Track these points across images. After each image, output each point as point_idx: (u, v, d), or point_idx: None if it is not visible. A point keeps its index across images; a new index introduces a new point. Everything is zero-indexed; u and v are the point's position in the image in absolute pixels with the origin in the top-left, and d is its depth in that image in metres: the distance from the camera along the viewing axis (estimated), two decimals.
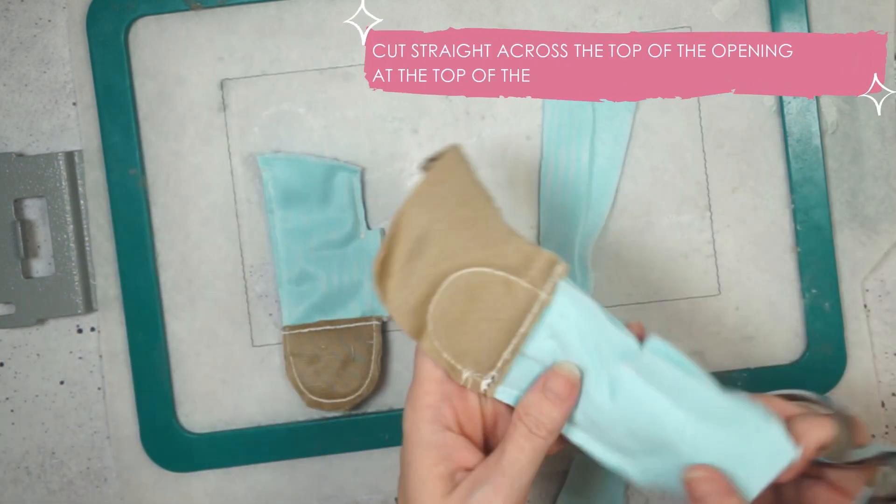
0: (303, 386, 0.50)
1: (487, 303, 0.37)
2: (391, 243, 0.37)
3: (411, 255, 0.37)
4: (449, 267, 0.37)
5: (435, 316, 0.37)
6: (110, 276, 0.51)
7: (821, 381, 0.50)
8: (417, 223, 0.37)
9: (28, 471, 0.53)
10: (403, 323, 0.37)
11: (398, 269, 0.37)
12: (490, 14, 0.51)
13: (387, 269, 0.37)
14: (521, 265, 0.37)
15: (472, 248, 0.37)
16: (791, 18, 0.50)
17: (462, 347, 0.37)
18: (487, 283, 0.37)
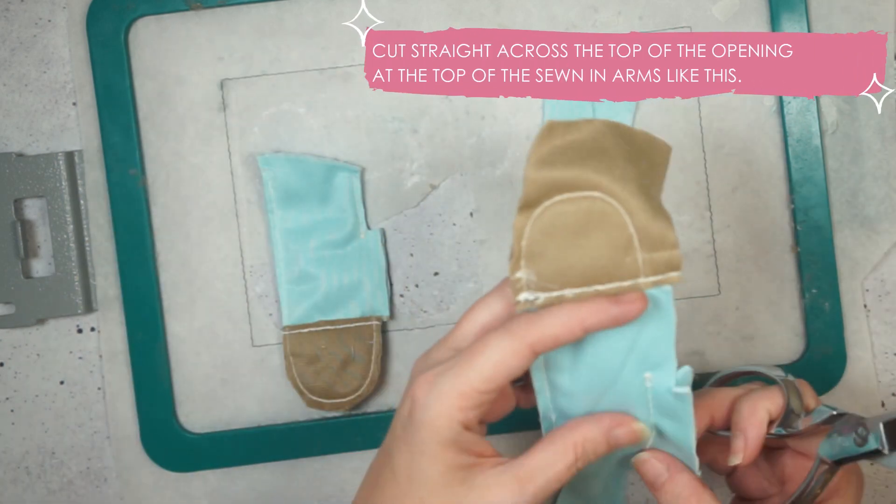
0: (303, 386, 0.50)
1: (599, 240, 0.35)
2: (572, 125, 0.35)
3: (580, 145, 0.35)
4: (600, 182, 0.34)
5: (552, 207, 0.35)
6: (110, 276, 0.51)
7: (821, 381, 0.50)
8: (602, 129, 0.35)
9: (28, 471, 0.53)
10: (530, 183, 0.35)
11: (560, 142, 0.35)
12: (490, 14, 0.51)
13: (552, 133, 0.35)
14: (651, 240, 0.34)
15: (630, 185, 0.35)
16: (791, 18, 0.50)
17: (542, 251, 0.35)
18: (615, 227, 0.35)
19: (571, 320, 0.35)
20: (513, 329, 0.36)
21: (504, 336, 0.36)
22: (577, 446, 0.36)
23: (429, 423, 0.36)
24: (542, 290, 0.35)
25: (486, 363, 0.35)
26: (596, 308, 0.35)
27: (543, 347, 0.35)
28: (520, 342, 0.35)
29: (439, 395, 0.36)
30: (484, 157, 0.51)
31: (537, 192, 0.35)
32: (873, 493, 0.52)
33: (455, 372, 0.36)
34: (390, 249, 0.51)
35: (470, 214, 0.51)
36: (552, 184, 0.35)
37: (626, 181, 0.35)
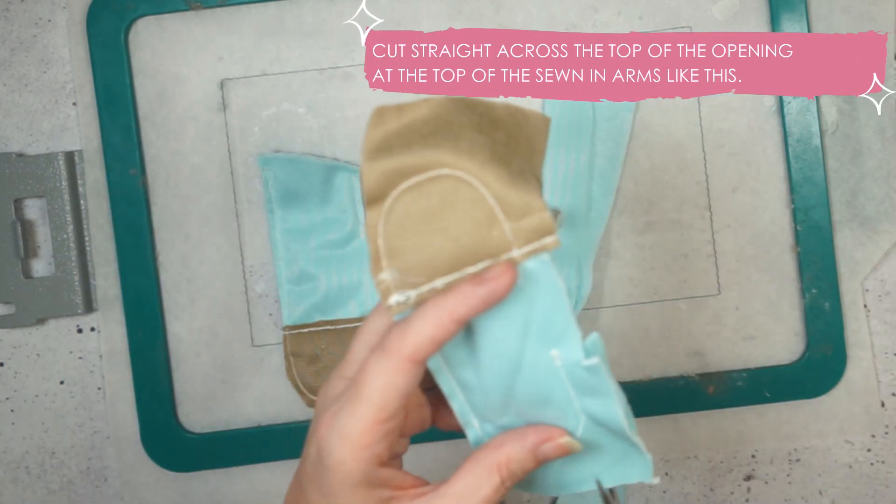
0: (303, 386, 0.50)
1: (458, 219, 0.32)
2: (405, 107, 0.32)
3: (420, 125, 0.32)
4: (444, 159, 0.32)
5: (400, 197, 0.32)
6: (110, 276, 0.51)
7: (821, 381, 0.50)
8: (446, 106, 0.33)
9: (28, 471, 0.53)
10: (368, 176, 0.32)
11: (395, 126, 0.32)
12: (490, 14, 0.51)
13: (383, 118, 0.33)
14: (516, 209, 0.32)
15: (480, 155, 0.32)
16: (791, 18, 0.50)
17: (402, 245, 0.32)
18: (472, 202, 0.32)
19: (441, 316, 0.32)
20: (387, 346, 0.33)
21: (381, 357, 0.33)
22: (501, 468, 0.34)
23: (336, 468, 0.34)
24: (412, 287, 0.32)
25: (374, 392, 0.33)
26: (462, 295, 0.32)
27: (424, 354, 0.33)
28: (397, 358, 0.33)
29: (340, 437, 0.34)
30: None
31: (379, 185, 0.32)
32: (873, 493, 0.52)
33: (349, 410, 0.34)
34: None
35: None
36: (394, 171, 0.32)
37: (474, 151, 0.32)
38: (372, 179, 0.32)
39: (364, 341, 0.36)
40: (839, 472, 0.52)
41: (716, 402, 0.50)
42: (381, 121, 0.32)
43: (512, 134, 0.33)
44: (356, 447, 0.33)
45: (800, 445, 0.52)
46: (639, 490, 0.52)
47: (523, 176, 0.33)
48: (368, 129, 0.32)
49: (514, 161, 0.33)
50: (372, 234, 0.32)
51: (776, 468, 0.52)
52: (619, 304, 0.51)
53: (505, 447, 0.34)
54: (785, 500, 0.52)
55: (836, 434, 0.51)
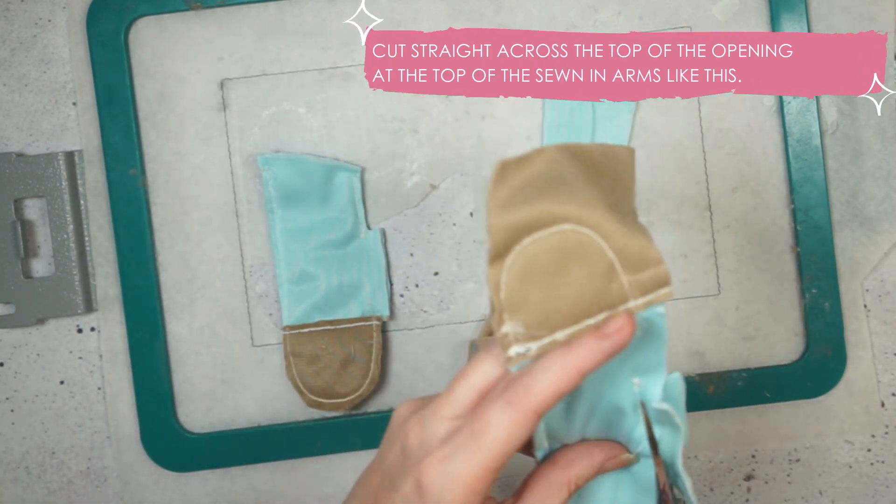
0: (303, 386, 0.50)
1: (579, 273, 0.33)
2: (524, 160, 0.33)
3: (537, 179, 0.33)
4: (567, 213, 0.33)
5: (523, 252, 0.33)
6: (110, 276, 0.51)
7: (821, 381, 0.50)
8: (555, 157, 0.33)
9: (28, 471, 0.53)
10: (496, 233, 0.33)
11: (517, 181, 0.33)
12: (490, 14, 0.51)
13: (506, 174, 0.33)
14: (633, 260, 0.33)
15: (597, 208, 0.33)
16: (791, 18, 0.50)
17: (523, 299, 0.33)
18: (592, 255, 0.33)
19: (567, 371, 0.33)
20: (512, 399, 0.34)
21: (506, 409, 0.34)
22: (570, 484, 0.36)
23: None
24: (533, 340, 0.33)
25: (495, 442, 0.34)
26: (587, 349, 0.33)
27: (547, 407, 0.34)
28: (523, 411, 0.34)
29: (454, 481, 0.34)
30: (484, 157, 0.51)
31: (505, 239, 0.33)
32: (873, 493, 0.52)
33: (465, 456, 0.34)
34: (390, 249, 0.51)
35: (470, 214, 0.51)
36: (518, 227, 0.33)
37: (592, 205, 0.33)
38: (499, 236, 0.33)
39: (471, 385, 0.36)
40: (839, 472, 0.52)
41: (716, 402, 0.50)
42: (504, 177, 0.33)
43: (612, 176, 0.35)
44: (470, 493, 0.34)
45: (800, 445, 0.52)
46: None
47: (634, 224, 0.34)
48: (493, 186, 0.33)
49: (622, 207, 0.34)
50: (494, 288, 0.33)
51: (776, 468, 0.52)
52: None
53: (575, 465, 0.36)
54: (785, 500, 0.52)
55: (836, 434, 0.51)
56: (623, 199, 0.35)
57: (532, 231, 0.33)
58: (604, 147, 0.35)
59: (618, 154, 0.35)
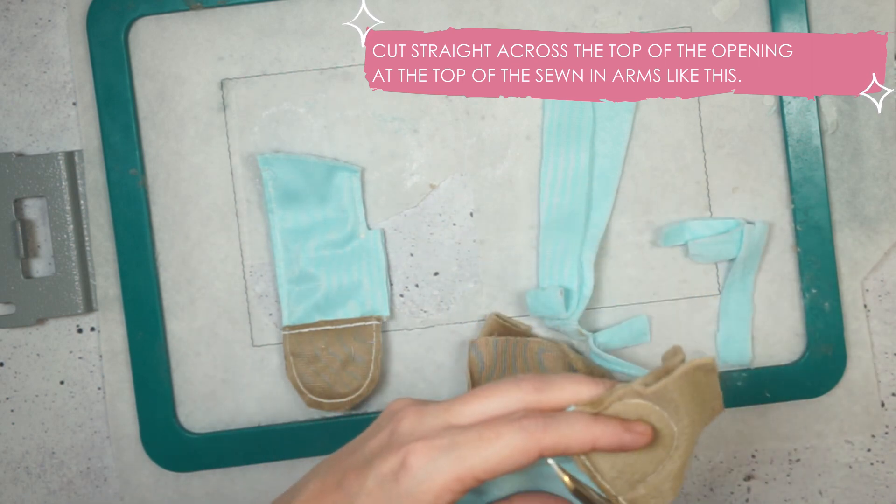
0: (303, 386, 0.50)
1: (651, 459, 0.37)
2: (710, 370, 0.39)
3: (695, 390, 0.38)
4: (681, 426, 0.37)
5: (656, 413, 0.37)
6: (110, 276, 0.51)
7: (821, 381, 0.50)
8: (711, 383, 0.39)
9: (28, 471, 0.53)
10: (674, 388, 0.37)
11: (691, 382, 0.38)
12: (490, 14, 0.51)
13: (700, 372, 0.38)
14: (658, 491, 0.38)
15: (688, 447, 0.38)
16: (791, 18, 0.50)
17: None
18: (665, 466, 0.37)
19: (585, 435, 0.35)
20: (528, 428, 0.35)
21: (518, 433, 0.35)
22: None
23: (415, 498, 0.35)
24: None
25: (494, 455, 0.35)
26: (610, 430, 0.35)
27: (553, 453, 0.35)
28: (533, 443, 0.35)
29: (436, 473, 0.35)
30: (484, 157, 0.51)
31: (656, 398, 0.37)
32: (873, 493, 0.52)
33: (459, 454, 0.35)
34: (390, 249, 0.51)
35: (470, 214, 0.51)
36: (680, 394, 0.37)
37: (692, 443, 0.37)
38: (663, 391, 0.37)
39: (486, 407, 0.37)
40: (839, 472, 0.52)
41: None
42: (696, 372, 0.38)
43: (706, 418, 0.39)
44: (447, 489, 0.35)
45: (800, 445, 0.52)
46: None
47: (682, 475, 0.38)
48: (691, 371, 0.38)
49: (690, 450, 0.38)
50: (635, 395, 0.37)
51: (776, 468, 0.52)
52: (619, 304, 0.51)
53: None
54: (785, 500, 0.52)
55: (836, 434, 0.51)
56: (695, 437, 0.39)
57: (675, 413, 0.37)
58: (719, 393, 0.39)
59: (717, 404, 0.39)
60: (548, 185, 0.50)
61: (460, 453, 0.35)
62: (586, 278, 0.50)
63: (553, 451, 0.35)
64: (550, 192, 0.50)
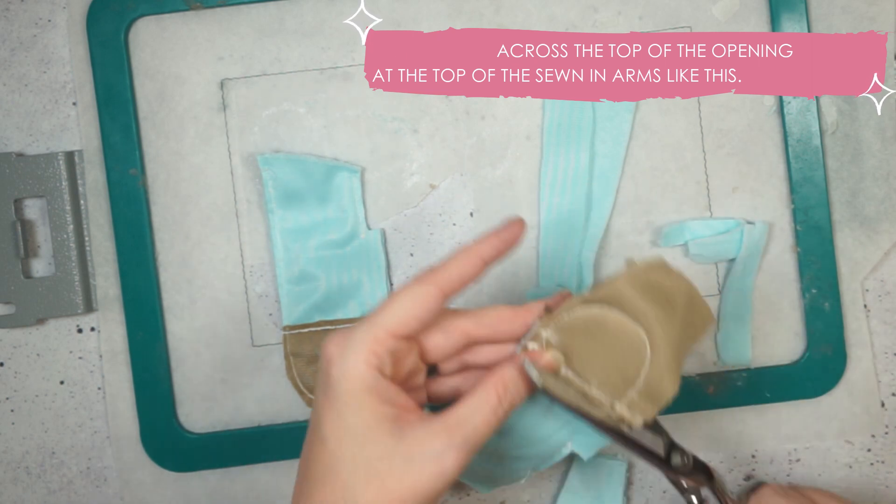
0: (303, 386, 0.50)
1: (616, 356, 0.39)
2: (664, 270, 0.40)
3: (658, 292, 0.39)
4: (650, 330, 0.38)
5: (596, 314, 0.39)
6: (110, 276, 0.51)
7: (821, 381, 0.50)
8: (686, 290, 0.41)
9: (28, 471, 0.53)
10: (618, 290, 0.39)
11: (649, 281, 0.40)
12: (490, 14, 0.51)
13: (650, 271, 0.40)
14: (651, 390, 0.39)
15: (668, 345, 0.39)
16: (791, 18, 0.50)
17: (572, 334, 0.39)
18: (636, 351, 0.39)
19: (471, 254, 0.38)
20: (419, 276, 0.38)
21: (412, 283, 0.38)
22: (497, 387, 0.38)
23: (346, 375, 0.36)
24: (555, 352, 0.39)
25: (398, 307, 0.37)
26: (489, 241, 0.39)
27: (451, 286, 0.38)
28: (430, 284, 0.37)
29: (352, 345, 0.37)
30: (484, 157, 0.51)
31: (605, 298, 0.39)
32: (873, 493, 0.52)
33: (367, 323, 0.37)
34: (390, 249, 0.51)
35: (470, 214, 0.51)
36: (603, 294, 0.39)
37: (667, 340, 0.39)
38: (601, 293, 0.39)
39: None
40: (839, 472, 0.52)
41: (716, 402, 0.50)
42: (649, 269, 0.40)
43: (693, 325, 0.41)
44: (367, 352, 0.36)
45: (800, 445, 0.52)
46: (639, 490, 0.52)
47: (674, 370, 0.39)
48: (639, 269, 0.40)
49: (682, 350, 0.40)
50: (570, 306, 0.40)
51: (776, 468, 0.52)
52: None
53: (500, 369, 0.38)
54: None
55: (836, 434, 0.51)
56: (685, 345, 0.40)
57: (618, 308, 0.39)
58: (706, 309, 0.41)
59: (705, 317, 0.41)
60: (548, 185, 0.50)
61: (368, 322, 0.37)
62: (586, 278, 0.50)
63: (451, 283, 0.38)
64: (550, 192, 0.50)
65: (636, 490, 0.52)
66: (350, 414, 0.36)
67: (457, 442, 0.36)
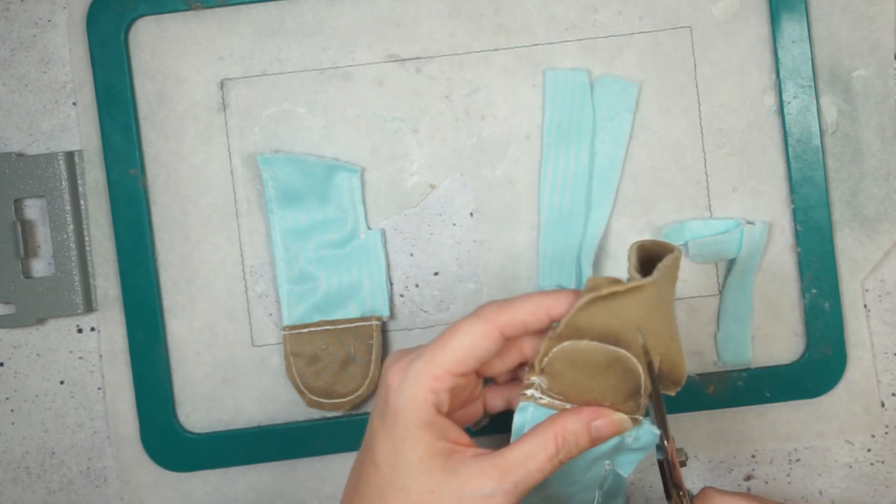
0: (303, 386, 0.50)
1: (613, 380, 0.38)
2: (627, 290, 0.37)
3: (627, 312, 0.38)
4: (632, 349, 0.37)
5: (579, 346, 0.38)
6: (110, 276, 0.51)
7: (821, 381, 0.50)
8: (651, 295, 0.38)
9: (28, 471, 0.53)
10: (569, 324, 0.37)
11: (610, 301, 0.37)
12: (490, 14, 0.51)
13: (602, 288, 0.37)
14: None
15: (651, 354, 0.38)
16: (791, 18, 0.50)
17: (560, 371, 0.38)
18: (630, 377, 0.38)
19: (539, 307, 0.37)
20: (483, 314, 0.37)
21: (474, 320, 0.37)
22: (557, 437, 0.37)
23: (405, 407, 0.37)
24: (548, 396, 0.38)
25: (458, 345, 0.37)
26: (561, 297, 0.37)
27: (513, 331, 0.37)
28: (490, 324, 0.37)
29: (413, 379, 0.37)
30: (484, 157, 0.51)
31: (572, 333, 0.37)
32: (873, 493, 0.52)
33: (428, 356, 0.37)
34: (390, 249, 0.51)
35: (470, 214, 0.51)
36: (591, 331, 0.37)
37: (652, 349, 0.38)
38: (570, 329, 0.37)
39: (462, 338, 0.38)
40: (839, 472, 0.52)
41: (716, 402, 0.50)
42: (602, 291, 0.37)
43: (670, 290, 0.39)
44: (427, 388, 0.37)
45: (800, 445, 0.52)
46: (639, 490, 0.52)
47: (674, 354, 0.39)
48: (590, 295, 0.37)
49: (672, 332, 0.39)
50: (544, 352, 0.38)
51: (776, 468, 0.52)
52: None
53: (561, 419, 0.38)
54: (785, 500, 0.52)
55: (836, 434, 0.51)
56: (673, 323, 0.39)
57: (596, 339, 0.37)
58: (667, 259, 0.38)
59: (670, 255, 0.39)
60: (548, 185, 0.50)
61: (429, 355, 0.37)
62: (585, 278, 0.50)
63: (512, 327, 0.37)
64: (550, 192, 0.50)
65: (636, 490, 0.52)
66: (406, 446, 0.37)
67: (507, 486, 0.36)
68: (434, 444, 0.36)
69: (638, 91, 0.50)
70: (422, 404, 0.37)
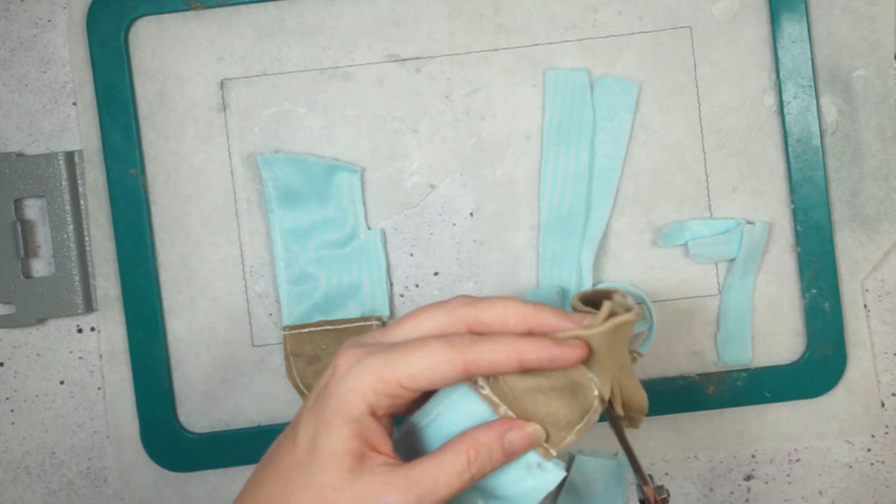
0: (303, 386, 0.50)
1: (568, 400, 0.38)
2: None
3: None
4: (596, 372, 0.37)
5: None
6: (110, 276, 0.51)
7: (821, 381, 0.50)
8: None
9: (28, 471, 0.53)
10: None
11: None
12: (490, 14, 0.51)
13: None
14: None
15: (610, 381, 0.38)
16: (791, 18, 0.50)
17: (514, 383, 0.38)
18: (584, 394, 0.38)
19: (512, 350, 0.35)
20: (455, 342, 0.36)
21: (444, 344, 0.36)
22: (469, 450, 0.36)
23: (341, 395, 0.36)
24: (502, 400, 0.37)
25: (419, 362, 0.35)
26: (538, 345, 0.36)
27: (477, 369, 0.36)
28: (458, 355, 0.35)
29: (360, 371, 0.36)
30: (484, 157, 0.51)
31: None
32: (873, 493, 0.52)
33: (385, 357, 0.36)
34: (390, 249, 0.51)
35: (470, 214, 0.51)
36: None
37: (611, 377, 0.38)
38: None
39: (420, 326, 0.38)
40: (839, 472, 0.52)
41: (716, 402, 0.50)
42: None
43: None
44: (369, 387, 0.35)
45: (800, 445, 0.52)
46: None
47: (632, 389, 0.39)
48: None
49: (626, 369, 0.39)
50: None
51: (776, 468, 0.52)
52: None
53: (474, 432, 0.36)
54: (785, 500, 0.52)
55: (836, 434, 0.51)
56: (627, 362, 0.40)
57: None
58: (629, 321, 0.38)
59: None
60: (548, 185, 0.50)
61: (387, 356, 0.36)
62: (585, 278, 0.50)
63: (478, 365, 0.36)
64: (550, 192, 0.50)
65: (636, 490, 0.52)
66: (326, 434, 0.36)
67: (411, 499, 0.35)
68: (350, 442, 0.35)
69: (638, 91, 0.50)
70: (357, 400, 0.35)
